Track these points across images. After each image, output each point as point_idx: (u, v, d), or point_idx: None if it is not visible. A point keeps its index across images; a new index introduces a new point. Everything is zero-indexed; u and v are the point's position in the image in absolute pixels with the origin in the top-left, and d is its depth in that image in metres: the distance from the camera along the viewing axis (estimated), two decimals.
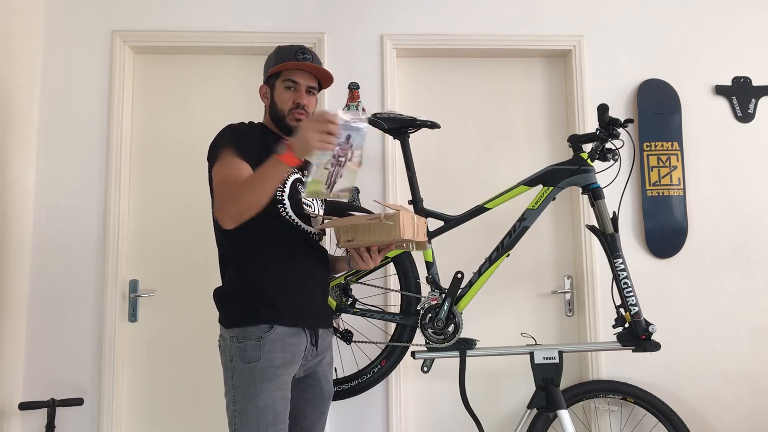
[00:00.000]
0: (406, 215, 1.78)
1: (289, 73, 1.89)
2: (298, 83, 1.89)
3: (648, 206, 2.78)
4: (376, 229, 1.75)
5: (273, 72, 1.91)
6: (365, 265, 1.85)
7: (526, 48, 2.88)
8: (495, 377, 2.76)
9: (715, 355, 2.74)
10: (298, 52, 1.90)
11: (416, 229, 1.86)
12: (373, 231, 1.76)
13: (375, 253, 1.85)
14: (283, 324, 1.75)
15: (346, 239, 1.79)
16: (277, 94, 1.90)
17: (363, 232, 1.77)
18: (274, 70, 1.90)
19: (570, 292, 2.82)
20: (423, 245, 1.96)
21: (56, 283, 2.64)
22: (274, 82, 1.92)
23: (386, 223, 1.73)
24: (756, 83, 2.89)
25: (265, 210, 1.73)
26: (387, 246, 1.84)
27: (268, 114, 1.95)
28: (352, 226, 1.78)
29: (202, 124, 2.76)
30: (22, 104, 2.63)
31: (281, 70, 1.89)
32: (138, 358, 2.72)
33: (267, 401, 1.68)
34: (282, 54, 1.92)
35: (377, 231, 1.75)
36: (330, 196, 1.70)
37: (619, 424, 2.68)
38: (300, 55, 1.89)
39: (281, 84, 1.89)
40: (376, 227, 1.75)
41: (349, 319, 2.42)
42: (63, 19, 2.78)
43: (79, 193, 2.70)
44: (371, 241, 1.78)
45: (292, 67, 1.89)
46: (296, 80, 1.89)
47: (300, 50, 1.91)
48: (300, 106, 1.88)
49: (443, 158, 2.87)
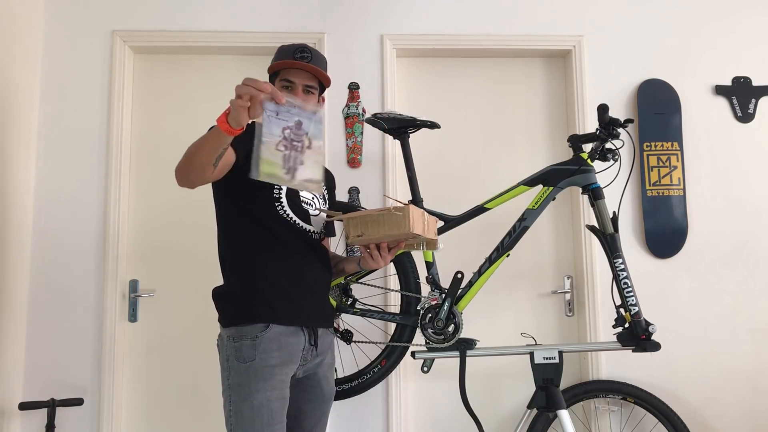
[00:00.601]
0: (415, 210, 1.79)
1: (286, 72, 1.89)
2: (294, 82, 1.88)
3: (648, 206, 2.78)
4: (386, 222, 1.76)
5: (272, 70, 1.92)
6: (375, 263, 1.85)
7: (526, 48, 2.88)
8: (495, 377, 2.76)
9: (715, 355, 2.74)
10: (296, 50, 1.89)
11: (426, 226, 1.86)
12: (383, 224, 1.76)
13: (385, 251, 1.85)
14: (279, 323, 1.75)
15: (356, 234, 1.79)
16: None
17: (373, 225, 1.77)
18: (272, 69, 1.91)
19: (570, 292, 2.82)
20: (434, 243, 1.96)
21: (56, 283, 2.65)
22: (273, 81, 1.92)
23: (396, 214, 1.73)
24: (756, 83, 2.89)
25: (263, 208, 1.73)
26: (397, 244, 1.84)
27: None
28: (362, 220, 1.78)
29: (203, 124, 2.75)
30: (22, 104, 2.63)
31: (279, 69, 1.90)
32: (138, 358, 2.72)
33: (262, 401, 1.68)
34: (281, 53, 1.92)
35: (387, 224, 1.76)
36: (294, 184, 1.60)
37: (619, 424, 2.68)
38: (298, 54, 1.89)
39: (279, 83, 1.89)
40: (386, 220, 1.75)
41: (349, 319, 2.42)
42: (63, 19, 2.78)
43: (79, 192, 2.70)
44: (381, 236, 1.78)
45: (288, 66, 1.89)
46: (292, 79, 1.88)
47: (299, 49, 1.90)
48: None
49: (443, 158, 2.87)
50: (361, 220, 1.79)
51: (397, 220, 1.74)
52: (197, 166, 1.59)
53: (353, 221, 1.80)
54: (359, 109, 2.77)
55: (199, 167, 1.59)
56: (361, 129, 2.76)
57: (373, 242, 1.82)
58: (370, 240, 1.81)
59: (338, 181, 2.61)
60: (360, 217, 1.79)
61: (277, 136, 1.52)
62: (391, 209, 1.74)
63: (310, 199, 1.91)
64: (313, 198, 1.93)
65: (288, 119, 1.54)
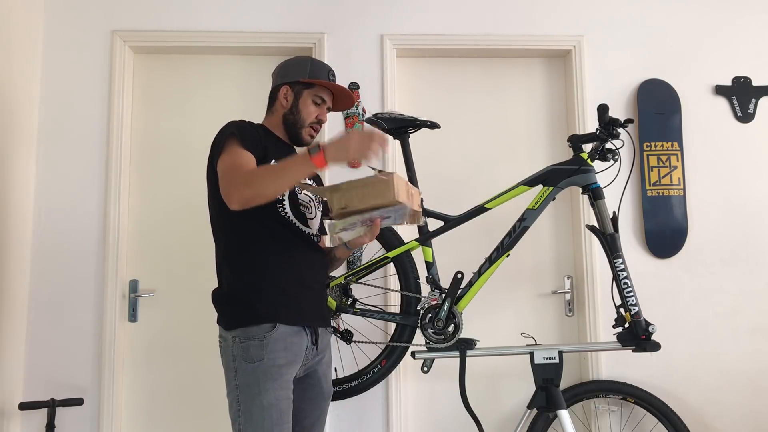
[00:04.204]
0: (399, 179, 1.75)
1: (321, 90, 1.95)
2: (326, 101, 1.96)
3: (648, 206, 2.78)
4: (370, 191, 1.71)
5: (306, 81, 1.92)
6: (360, 239, 1.84)
7: (526, 48, 2.88)
8: (495, 377, 2.76)
9: (715, 355, 2.74)
10: (330, 72, 1.97)
11: (411, 197, 1.82)
12: (367, 194, 1.72)
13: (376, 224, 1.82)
14: (284, 323, 1.76)
15: (340, 207, 1.75)
16: (303, 104, 1.93)
17: (357, 196, 1.73)
18: (310, 81, 1.92)
19: (570, 292, 2.82)
20: (418, 217, 1.91)
21: (56, 283, 2.65)
22: (302, 90, 1.93)
23: (381, 179, 1.69)
24: (756, 83, 2.89)
25: (265, 210, 1.74)
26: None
27: (281, 117, 1.94)
28: (347, 190, 1.74)
29: (202, 124, 2.76)
30: (22, 104, 2.63)
31: (316, 84, 1.93)
32: (138, 358, 2.72)
33: (271, 400, 1.69)
34: (317, 68, 1.95)
35: (372, 193, 1.71)
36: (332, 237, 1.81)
37: (619, 424, 2.68)
38: (332, 76, 1.97)
39: (311, 96, 1.93)
40: (371, 189, 1.71)
41: (349, 319, 2.42)
42: (63, 19, 2.78)
43: (79, 192, 2.70)
44: (366, 206, 1.74)
45: (329, 87, 1.95)
46: (325, 98, 1.95)
47: (331, 71, 1.98)
48: (321, 122, 1.96)
49: (443, 158, 2.87)
50: (346, 191, 1.74)
51: (382, 188, 1.69)
52: (270, 194, 1.66)
53: (337, 194, 1.75)
54: (359, 109, 2.77)
55: (273, 194, 1.67)
56: (361, 129, 2.77)
57: (358, 217, 1.77)
58: (355, 213, 1.76)
59: (338, 181, 2.60)
60: (345, 188, 1.74)
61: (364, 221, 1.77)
62: (377, 174, 1.70)
63: (307, 202, 1.92)
64: (309, 201, 1.94)
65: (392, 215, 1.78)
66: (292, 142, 1.95)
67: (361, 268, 2.29)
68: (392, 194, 1.69)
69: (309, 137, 1.94)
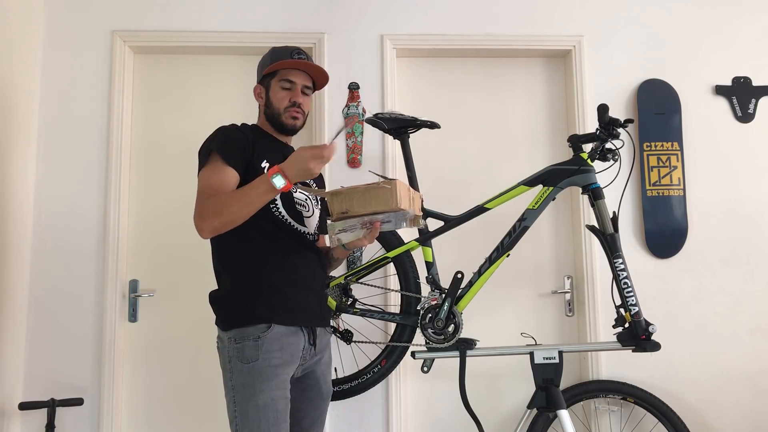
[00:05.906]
0: (402, 185, 1.75)
1: (286, 73, 1.91)
2: (294, 82, 1.91)
3: (648, 206, 2.78)
4: (372, 198, 1.71)
5: (269, 71, 1.92)
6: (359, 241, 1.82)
7: (526, 48, 2.88)
8: (495, 377, 2.76)
9: (715, 355, 2.74)
10: (293, 51, 1.93)
11: (412, 202, 1.82)
12: (369, 200, 1.71)
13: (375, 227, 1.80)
14: (280, 323, 1.76)
15: (341, 211, 1.74)
16: (272, 93, 1.92)
17: (359, 201, 1.72)
18: (270, 69, 1.91)
19: (570, 292, 2.82)
20: (418, 220, 1.90)
21: (56, 283, 2.65)
22: (269, 81, 1.93)
23: (384, 188, 1.69)
24: (756, 83, 2.89)
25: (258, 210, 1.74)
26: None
27: (263, 114, 1.96)
28: (348, 195, 1.73)
29: (202, 124, 2.74)
30: (22, 104, 2.63)
31: (277, 69, 1.91)
32: (138, 358, 2.72)
33: (267, 400, 1.69)
34: (278, 54, 1.93)
35: (374, 199, 1.71)
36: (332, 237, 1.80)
37: (619, 424, 2.68)
38: (296, 55, 1.92)
39: (277, 83, 1.91)
40: (373, 195, 1.71)
41: (349, 319, 2.42)
42: (63, 19, 2.78)
43: (79, 193, 2.70)
44: (367, 211, 1.73)
45: (289, 66, 1.91)
46: (292, 79, 1.91)
47: (296, 50, 1.94)
48: (296, 104, 1.91)
49: (443, 158, 2.87)
50: (347, 195, 1.73)
51: (385, 195, 1.69)
52: (239, 220, 1.69)
53: (338, 198, 1.74)
54: (359, 109, 2.77)
55: (240, 221, 1.69)
56: (361, 129, 2.76)
57: (357, 219, 1.75)
58: (355, 217, 1.75)
59: (338, 181, 2.61)
60: (346, 193, 1.73)
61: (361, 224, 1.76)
62: (380, 182, 1.70)
63: (303, 200, 1.92)
64: (306, 199, 1.93)
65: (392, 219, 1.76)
66: (279, 132, 1.94)
67: (361, 268, 2.29)
68: (395, 202, 1.70)
69: (291, 120, 1.91)
